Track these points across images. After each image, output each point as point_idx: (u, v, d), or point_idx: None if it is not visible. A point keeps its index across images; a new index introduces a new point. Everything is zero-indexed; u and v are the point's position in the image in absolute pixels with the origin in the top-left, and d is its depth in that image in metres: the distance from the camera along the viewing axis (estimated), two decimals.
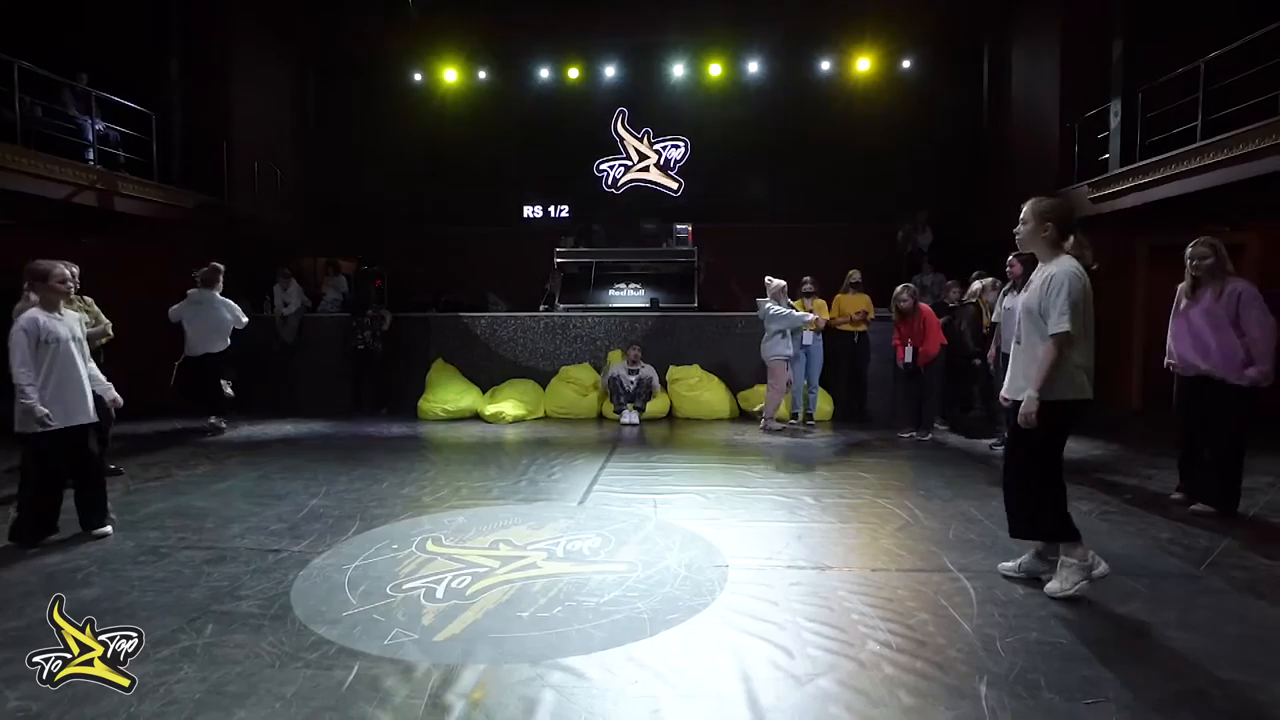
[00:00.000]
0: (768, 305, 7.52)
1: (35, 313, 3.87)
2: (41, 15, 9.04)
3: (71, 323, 4.04)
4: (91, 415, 4.04)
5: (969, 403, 8.28)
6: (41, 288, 3.90)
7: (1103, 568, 3.20)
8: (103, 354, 5.20)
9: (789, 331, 7.50)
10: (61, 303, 4.01)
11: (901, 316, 7.03)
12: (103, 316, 5.33)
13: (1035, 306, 3.17)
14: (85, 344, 4.11)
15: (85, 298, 5.18)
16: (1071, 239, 3.22)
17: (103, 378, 4.28)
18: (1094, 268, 3.21)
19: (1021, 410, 3.15)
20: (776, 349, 7.47)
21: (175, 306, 7.28)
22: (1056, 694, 2.41)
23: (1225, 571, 3.51)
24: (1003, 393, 3.44)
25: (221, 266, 7.38)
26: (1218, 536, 4.00)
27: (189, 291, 7.28)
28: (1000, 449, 6.31)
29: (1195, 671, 2.56)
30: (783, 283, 7.66)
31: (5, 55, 7.29)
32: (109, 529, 4.09)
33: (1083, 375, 3.15)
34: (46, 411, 3.76)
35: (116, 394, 4.35)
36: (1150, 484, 5.22)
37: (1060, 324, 3.06)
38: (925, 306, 7.12)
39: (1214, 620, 2.98)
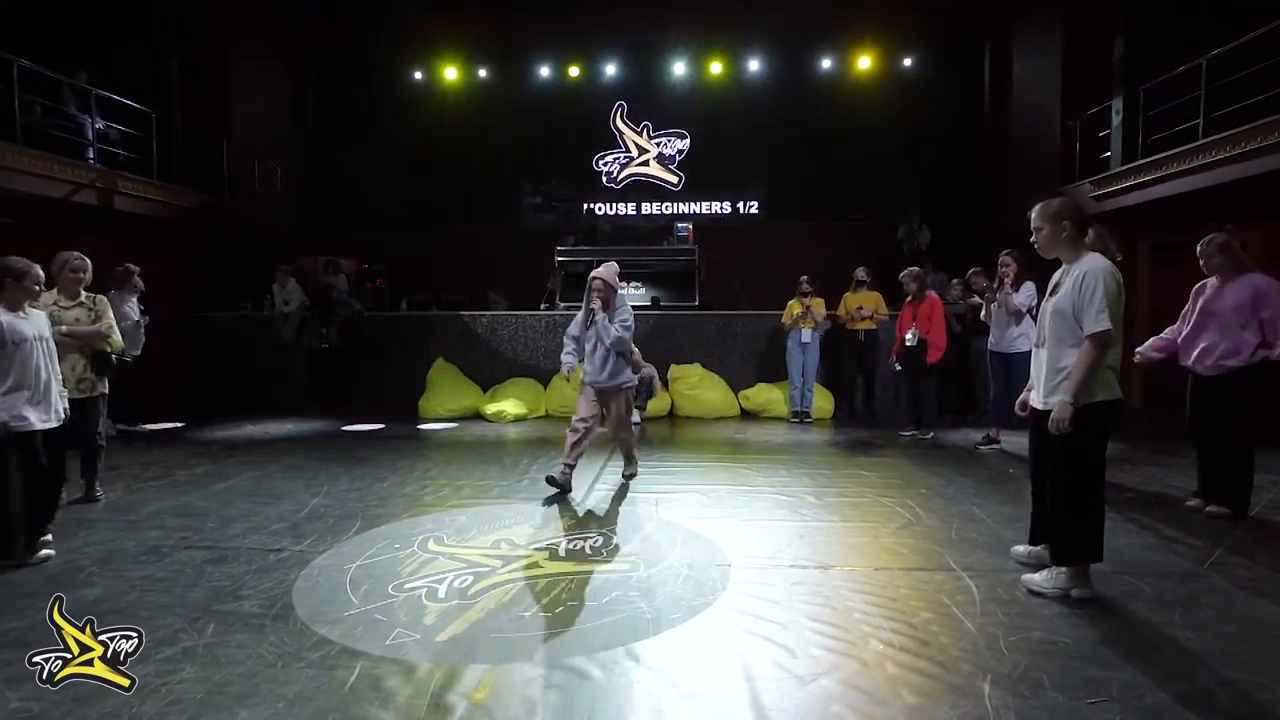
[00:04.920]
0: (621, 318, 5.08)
1: None
2: (41, 13, 9.02)
3: (40, 322, 3.80)
4: (56, 419, 3.77)
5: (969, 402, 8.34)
6: (14, 285, 3.65)
7: (1081, 592, 3.12)
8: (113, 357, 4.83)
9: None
10: (28, 301, 3.75)
11: (909, 298, 7.02)
12: (106, 319, 4.69)
13: (1069, 308, 3.05)
14: (53, 344, 3.87)
15: (98, 298, 4.75)
16: (1091, 233, 3.13)
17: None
18: (1118, 259, 3.12)
19: (1054, 416, 3.03)
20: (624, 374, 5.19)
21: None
22: (1060, 693, 2.40)
23: (1228, 570, 3.50)
24: (1029, 399, 3.33)
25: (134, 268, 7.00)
26: (1220, 535, 4.00)
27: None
28: (984, 449, 6.33)
29: (1199, 670, 2.56)
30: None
31: (4, 54, 7.28)
32: (47, 553, 3.68)
33: (1112, 375, 3.06)
34: (6, 419, 3.52)
35: (64, 405, 3.89)
36: (1152, 483, 5.21)
37: (1100, 322, 2.95)
38: (934, 295, 7.08)
39: (1217, 619, 2.97)
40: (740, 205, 12.66)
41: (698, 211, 12.47)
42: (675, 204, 12.61)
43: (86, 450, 4.68)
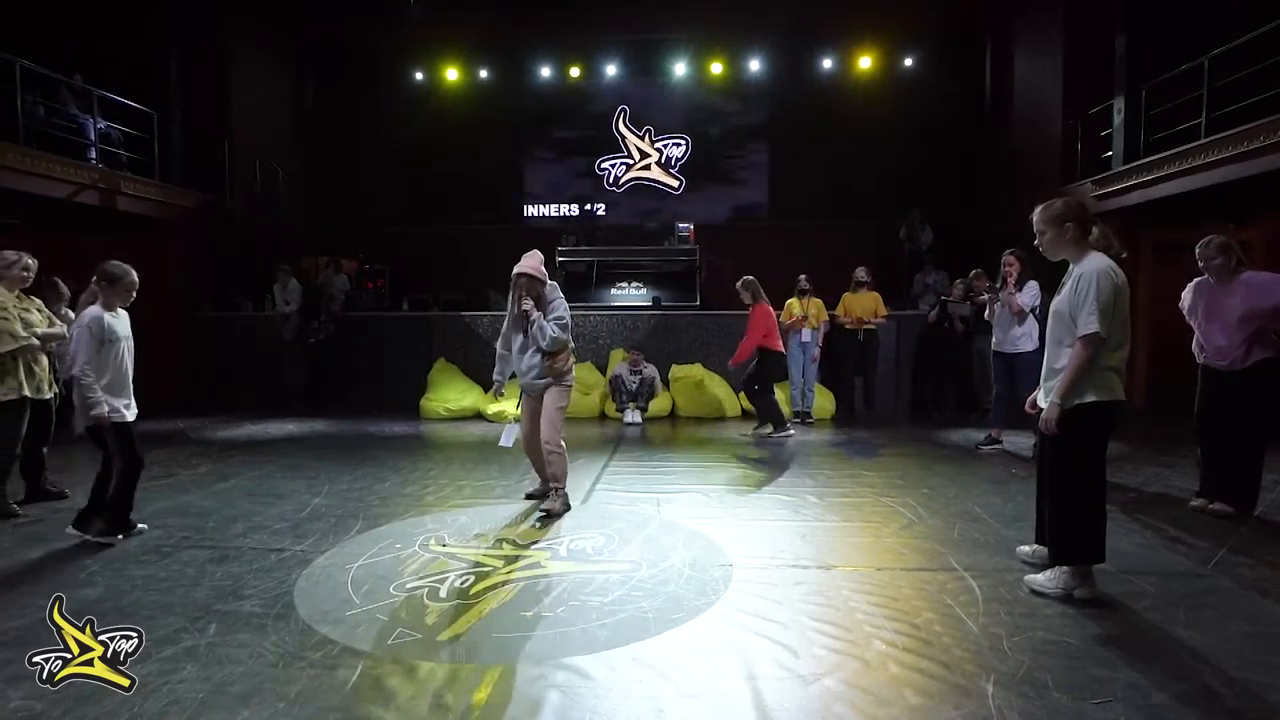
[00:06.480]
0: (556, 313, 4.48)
1: (99, 311, 3.93)
2: (42, 15, 9.03)
3: (127, 322, 4.10)
4: (134, 414, 4.07)
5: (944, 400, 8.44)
6: (108, 289, 3.97)
7: (1084, 593, 3.10)
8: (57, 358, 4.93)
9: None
10: (119, 303, 4.06)
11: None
12: (55, 320, 4.76)
13: (1065, 309, 3.07)
14: (132, 343, 4.13)
15: (37, 300, 4.75)
16: (1095, 231, 3.11)
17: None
18: (1124, 255, 3.12)
19: (1043, 416, 3.08)
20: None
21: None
22: (1064, 693, 2.39)
23: (1232, 570, 3.49)
24: (1037, 398, 3.31)
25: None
26: (1223, 535, 3.98)
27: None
28: (986, 448, 6.32)
29: (1204, 670, 2.55)
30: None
31: (6, 54, 7.28)
32: (143, 526, 4.09)
33: (1113, 376, 3.02)
34: (105, 411, 3.84)
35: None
36: (1155, 483, 5.20)
37: (1089, 325, 2.94)
38: (761, 307, 7.12)
39: (1221, 619, 2.96)
40: (741, 204, 12.65)
41: (698, 211, 12.46)
42: (676, 205, 12.59)
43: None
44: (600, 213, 12.58)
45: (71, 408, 4.01)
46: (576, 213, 12.59)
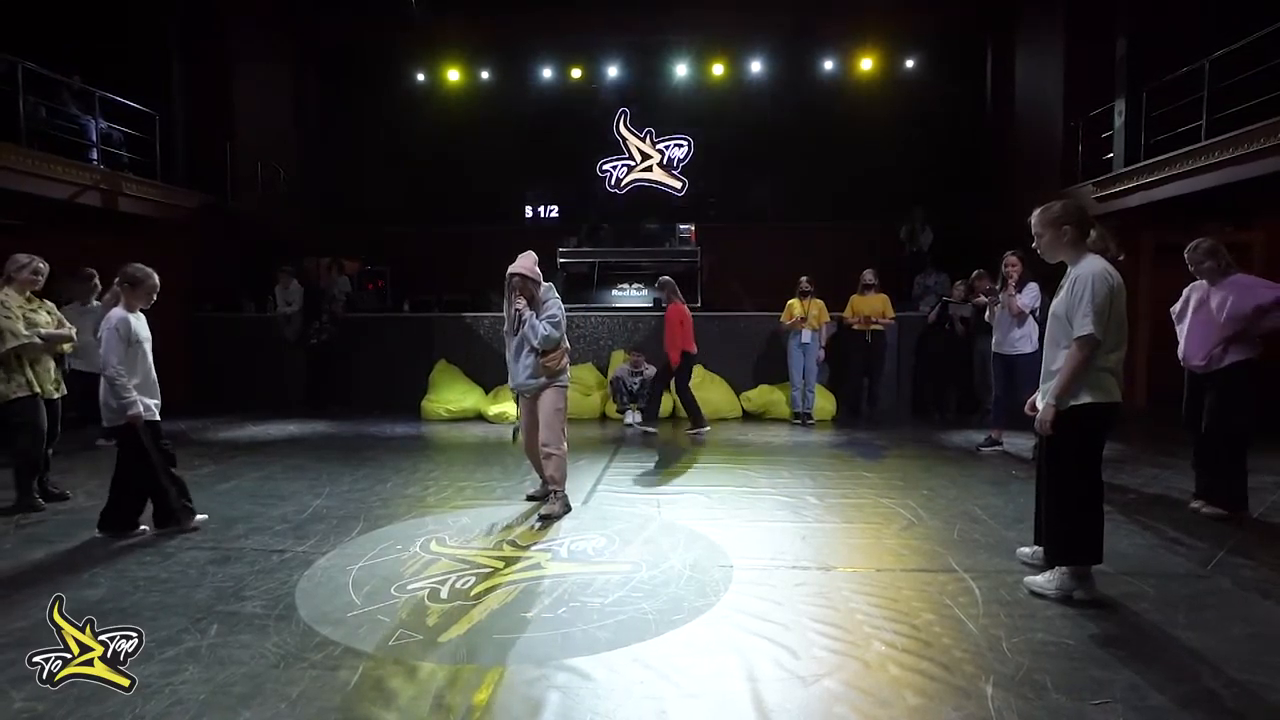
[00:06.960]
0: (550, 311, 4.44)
1: (124, 313, 4.04)
2: (44, 15, 9.04)
3: (145, 324, 4.19)
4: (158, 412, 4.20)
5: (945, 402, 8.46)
6: (130, 291, 4.09)
7: (1084, 594, 3.11)
8: (66, 360, 5.20)
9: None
10: (140, 306, 4.17)
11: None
12: (67, 322, 4.89)
13: (1063, 311, 3.09)
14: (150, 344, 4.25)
15: (49, 302, 4.85)
16: (1093, 234, 3.13)
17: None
18: (1120, 258, 3.14)
19: (1039, 417, 3.12)
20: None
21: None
22: (1063, 694, 2.40)
23: (1232, 571, 3.50)
24: (1037, 399, 3.32)
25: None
26: (1223, 537, 3.99)
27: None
28: (986, 450, 6.32)
29: (1204, 671, 2.55)
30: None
31: (9, 55, 7.30)
32: (202, 517, 4.29)
33: (1109, 378, 3.04)
34: (139, 411, 3.98)
35: None
36: (1155, 484, 5.20)
37: (1084, 327, 2.96)
38: (674, 308, 7.23)
39: (1221, 620, 2.97)
40: (742, 206, 12.65)
41: (700, 212, 12.46)
42: (678, 206, 12.59)
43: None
44: (601, 214, 12.58)
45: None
46: (577, 214, 12.59)
